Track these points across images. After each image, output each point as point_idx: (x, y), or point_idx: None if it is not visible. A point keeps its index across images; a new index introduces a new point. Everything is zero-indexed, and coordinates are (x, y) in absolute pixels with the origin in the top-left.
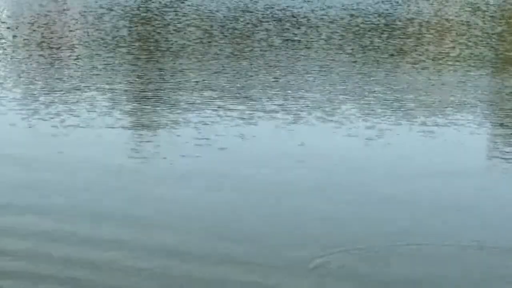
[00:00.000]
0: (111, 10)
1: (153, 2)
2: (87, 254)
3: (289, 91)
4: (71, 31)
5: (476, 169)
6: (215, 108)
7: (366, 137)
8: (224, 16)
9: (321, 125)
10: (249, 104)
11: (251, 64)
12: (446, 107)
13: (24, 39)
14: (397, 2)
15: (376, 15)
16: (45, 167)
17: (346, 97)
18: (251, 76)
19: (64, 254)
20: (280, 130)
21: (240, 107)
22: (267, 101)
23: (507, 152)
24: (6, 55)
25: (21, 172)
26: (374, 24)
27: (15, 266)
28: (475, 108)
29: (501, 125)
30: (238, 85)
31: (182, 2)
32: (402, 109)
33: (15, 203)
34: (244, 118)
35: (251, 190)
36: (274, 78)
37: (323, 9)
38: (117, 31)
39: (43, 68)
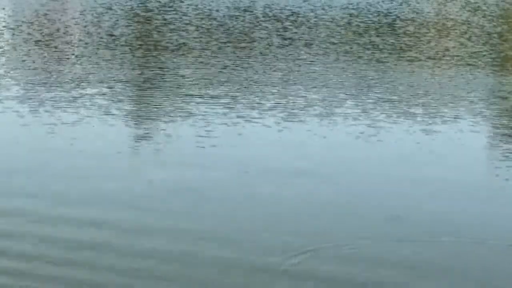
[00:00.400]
0: (111, 9)
1: (150, 2)
2: (88, 236)
3: (288, 89)
4: (71, 29)
5: (475, 167)
6: (214, 106)
7: (364, 135)
8: (224, 15)
9: (319, 123)
10: (247, 102)
11: (250, 63)
12: (445, 106)
13: (24, 38)
14: (397, 1)
15: (376, 14)
16: (42, 163)
17: (345, 95)
18: (250, 74)
19: (63, 235)
20: (277, 127)
21: (238, 104)
22: (266, 99)
23: (507, 150)
24: (6, 53)
25: (18, 168)
26: (374, 23)
27: (18, 249)
28: (475, 107)
29: (501, 123)
30: (237, 83)
31: (182, 1)
32: (401, 108)
33: (18, 190)
34: (243, 116)
35: (246, 187)
36: (273, 76)
37: (323, 9)
38: (117, 29)
39: (43, 66)
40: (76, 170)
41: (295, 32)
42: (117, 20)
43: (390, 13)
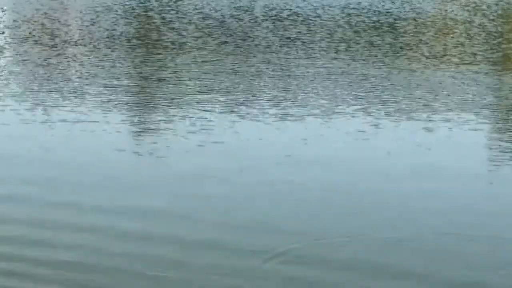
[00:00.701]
0: (111, 8)
1: (150, 1)
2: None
3: (287, 87)
4: (70, 28)
5: (475, 165)
6: (212, 105)
7: (363, 134)
8: (222, 15)
9: (319, 122)
10: (246, 100)
11: (249, 61)
12: (445, 105)
13: (24, 36)
14: (399, 1)
15: (376, 13)
16: (39, 160)
17: (345, 94)
18: (249, 73)
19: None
20: (276, 125)
21: (238, 102)
22: (265, 97)
23: (506, 149)
24: (6, 52)
25: (16, 166)
26: (374, 23)
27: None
28: (475, 106)
29: (501, 122)
30: (236, 81)
31: (181, 0)
32: (401, 107)
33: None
34: (242, 114)
35: (243, 185)
36: (272, 74)
37: (322, 8)
38: (116, 29)
39: (42, 65)
40: (74, 168)
41: (295, 31)
42: (117, 20)
43: (390, 12)
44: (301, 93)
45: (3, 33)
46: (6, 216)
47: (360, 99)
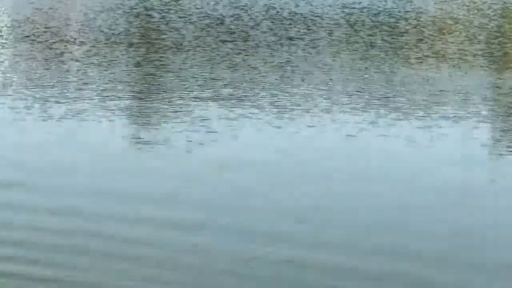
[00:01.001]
0: (111, 8)
1: (149, 1)
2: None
3: (286, 87)
4: (70, 28)
5: (474, 163)
6: (212, 103)
7: (362, 132)
8: (222, 14)
9: (318, 121)
10: (246, 100)
11: (249, 61)
12: (445, 104)
13: (24, 36)
14: (400, 1)
15: (376, 12)
16: (39, 157)
17: (344, 93)
18: (249, 72)
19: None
20: (275, 125)
21: (236, 102)
22: (265, 97)
23: (506, 147)
24: (6, 51)
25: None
26: (374, 22)
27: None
28: (474, 104)
29: (501, 121)
30: (236, 81)
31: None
32: (400, 106)
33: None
34: (241, 113)
35: (241, 181)
36: (271, 74)
37: (322, 8)
38: (116, 28)
39: (42, 64)
40: (72, 169)
41: (295, 31)
42: (117, 19)
43: (390, 12)
44: (301, 91)
45: (1, 32)
46: (8, 204)
47: (360, 98)
